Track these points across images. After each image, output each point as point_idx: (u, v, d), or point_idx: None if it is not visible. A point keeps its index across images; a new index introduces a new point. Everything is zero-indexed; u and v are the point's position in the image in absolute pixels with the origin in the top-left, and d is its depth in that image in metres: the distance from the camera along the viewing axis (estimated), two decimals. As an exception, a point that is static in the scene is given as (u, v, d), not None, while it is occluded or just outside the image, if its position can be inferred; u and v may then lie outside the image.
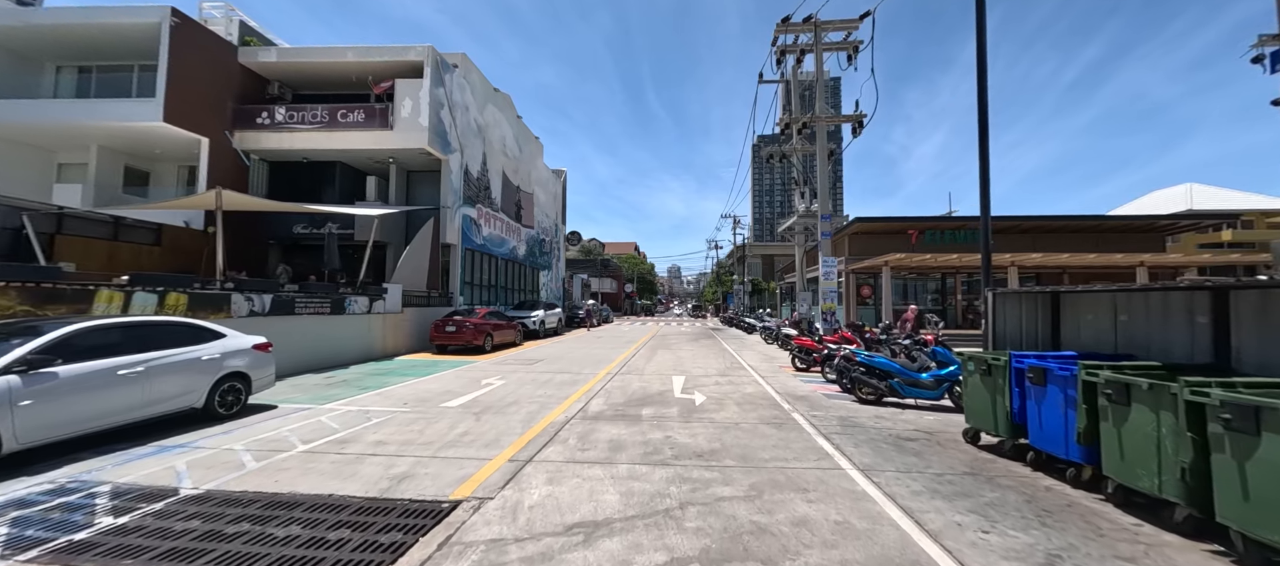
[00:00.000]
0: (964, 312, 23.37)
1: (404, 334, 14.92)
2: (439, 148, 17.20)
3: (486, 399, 8.04)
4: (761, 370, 11.82)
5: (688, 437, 5.80)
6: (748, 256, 52.52)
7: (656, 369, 11.88)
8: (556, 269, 32.92)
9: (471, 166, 19.73)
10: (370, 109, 16.38)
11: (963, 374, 5.64)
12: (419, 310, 15.95)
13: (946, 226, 20.74)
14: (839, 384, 8.82)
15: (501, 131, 23.08)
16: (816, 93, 13.60)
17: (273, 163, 18.21)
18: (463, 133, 18.84)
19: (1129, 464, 3.69)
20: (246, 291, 9.77)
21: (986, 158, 7.44)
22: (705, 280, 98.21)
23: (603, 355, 14.82)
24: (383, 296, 13.99)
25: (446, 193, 17.85)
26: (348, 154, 17.60)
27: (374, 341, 13.49)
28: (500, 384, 9.53)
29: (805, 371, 11.48)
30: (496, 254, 22.43)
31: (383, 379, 10.03)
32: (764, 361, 13.60)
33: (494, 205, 22.03)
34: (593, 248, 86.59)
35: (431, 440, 5.62)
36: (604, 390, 9.00)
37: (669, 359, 14.05)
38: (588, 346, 17.70)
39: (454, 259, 18.59)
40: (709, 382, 9.86)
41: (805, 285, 16.49)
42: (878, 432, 6.07)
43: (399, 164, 18.50)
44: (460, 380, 9.93)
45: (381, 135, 16.47)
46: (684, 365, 12.61)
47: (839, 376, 8.78)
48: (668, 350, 16.68)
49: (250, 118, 16.62)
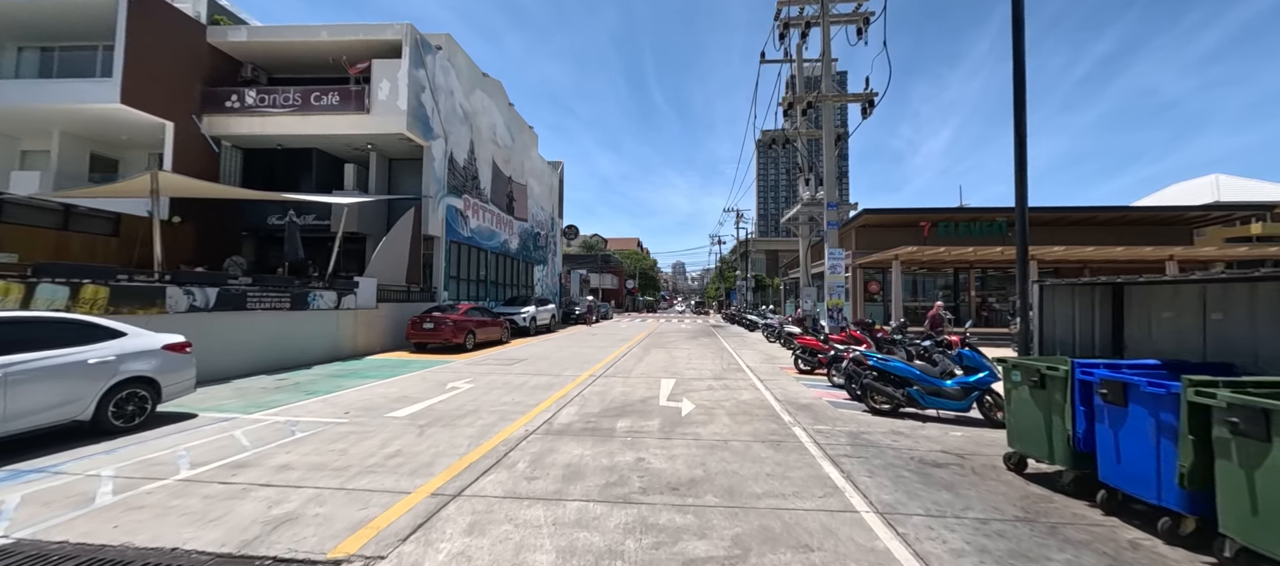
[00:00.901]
0: (979, 310, 22.16)
1: (379, 331, 13.94)
2: (420, 133, 16.18)
3: (443, 407, 7.02)
4: (761, 372, 10.74)
5: (664, 461, 4.75)
6: (751, 252, 51.30)
7: (646, 370, 10.83)
8: (552, 264, 31.92)
9: (457, 154, 18.71)
10: (345, 91, 15.38)
11: (1003, 383, 4.55)
12: (397, 306, 14.97)
13: (961, 218, 19.54)
14: (847, 390, 7.74)
15: (491, 119, 22.04)
16: (823, 68, 12.45)
17: (247, 150, 17.27)
18: (447, 118, 17.81)
19: (1265, 524, 2.61)
20: (186, 284, 8.79)
21: (1023, 132, 6.35)
22: (709, 276, 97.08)
23: (591, 354, 13.79)
24: (354, 290, 13.01)
25: (429, 181, 16.84)
26: (324, 140, 16.62)
27: (343, 339, 12.52)
28: (466, 388, 8.51)
29: (809, 374, 10.40)
30: (486, 247, 21.43)
31: (339, 381, 9.04)
32: (764, 362, 12.53)
33: (483, 196, 21.02)
34: (594, 243, 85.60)
35: (349, 464, 4.59)
36: (581, 395, 7.97)
37: (661, 359, 13.00)
38: (578, 345, 16.68)
39: (437, 252, 17.60)
40: (701, 387, 8.80)
41: (810, 280, 15.39)
42: (897, 455, 4.99)
43: (379, 151, 17.51)
44: (424, 383, 8.93)
45: (357, 119, 15.47)
46: (677, 366, 11.56)
47: (847, 381, 7.70)
48: (662, 349, 15.63)
49: (219, 101, 15.66)
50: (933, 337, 7.88)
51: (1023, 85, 6.24)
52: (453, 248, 18.56)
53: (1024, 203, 6.48)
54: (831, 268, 12.32)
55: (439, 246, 17.60)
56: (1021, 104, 6.22)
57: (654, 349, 15.61)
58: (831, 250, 12.39)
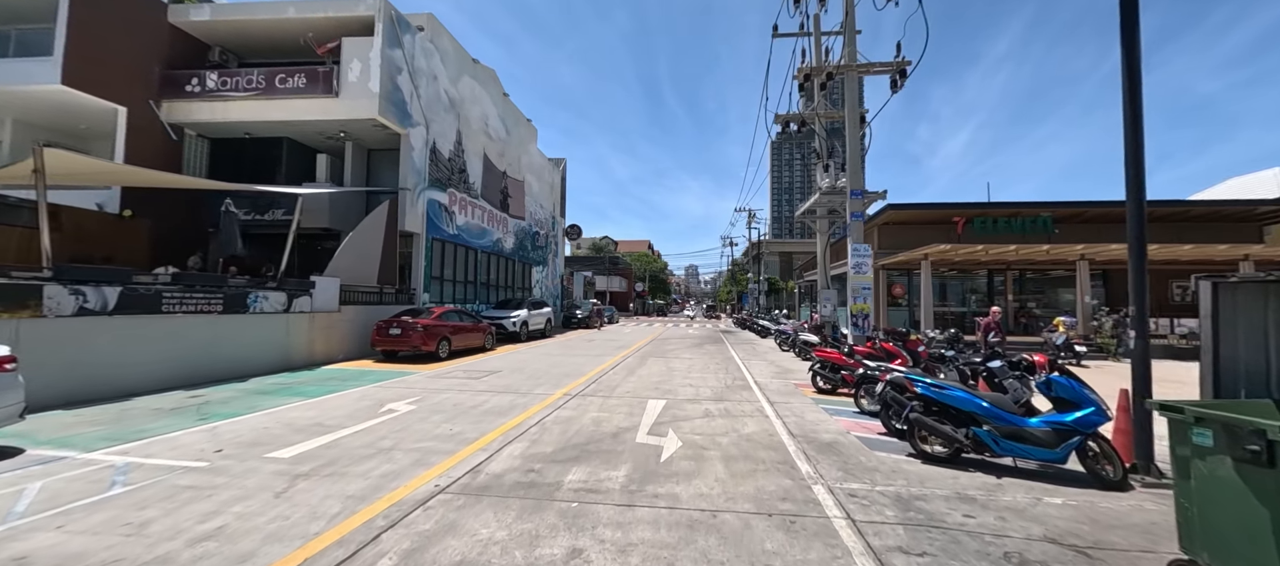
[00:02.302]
0: (1017, 316, 20.01)
1: (341, 337, 12.46)
2: (395, 119, 14.73)
3: (352, 442, 5.40)
4: (772, 390, 8.96)
5: (611, 555, 3.05)
6: (764, 253, 49.26)
7: (634, 387, 9.12)
8: (553, 265, 30.39)
9: (441, 144, 17.24)
10: (312, 72, 13.99)
11: (1173, 444, 2.75)
12: (367, 309, 13.49)
13: (999, 213, 17.47)
14: (883, 420, 5.94)
15: (483, 109, 20.58)
16: (846, 33, 10.65)
17: (213, 140, 16.00)
18: (428, 104, 16.36)
19: None
20: (76, 282, 7.33)
21: (1137, 88, 4.62)
22: (721, 279, 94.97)
23: (578, 365, 12.12)
24: (309, 292, 11.53)
25: (407, 173, 15.37)
26: (294, 128, 15.26)
27: (295, 347, 11.03)
28: (405, 411, 6.90)
29: (830, 394, 8.59)
30: (476, 245, 19.93)
31: (257, 401, 7.50)
32: (776, 376, 10.73)
33: (472, 190, 19.53)
34: (604, 245, 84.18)
35: (118, 559, 2.97)
36: (541, 424, 6.29)
37: (657, 371, 11.28)
38: (569, 353, 15.03)
39: (417, 250, 16.12)
40: (695, 413, 7.06)
41: (829, 282, 13.54)
42: (978, 545, 3.22)
43: (355, 140, 16.11)
44: (358, 404, 7.34)
45: (326, 103, 14.07)
46: (672, 382, 9.82)
47: (883, 410, 5.90)
48: (661, 359, 13.89)
49: (179, 85, 14.40)
50: (1000, 354, 6.02)
51: (1135, 37, 4.48)
52: (435, 246, 17.07)
53: (1140, 180, 4.80)
54: (856, 266, 10.48)
55: (419, 244, 16.12)
56: (1134, 66, 4.48)
57: (652, 359, 13.88)
58: (855, 246, 10.55)
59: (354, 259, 13.40)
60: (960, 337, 7.46)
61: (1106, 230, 19.25)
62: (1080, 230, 18.67)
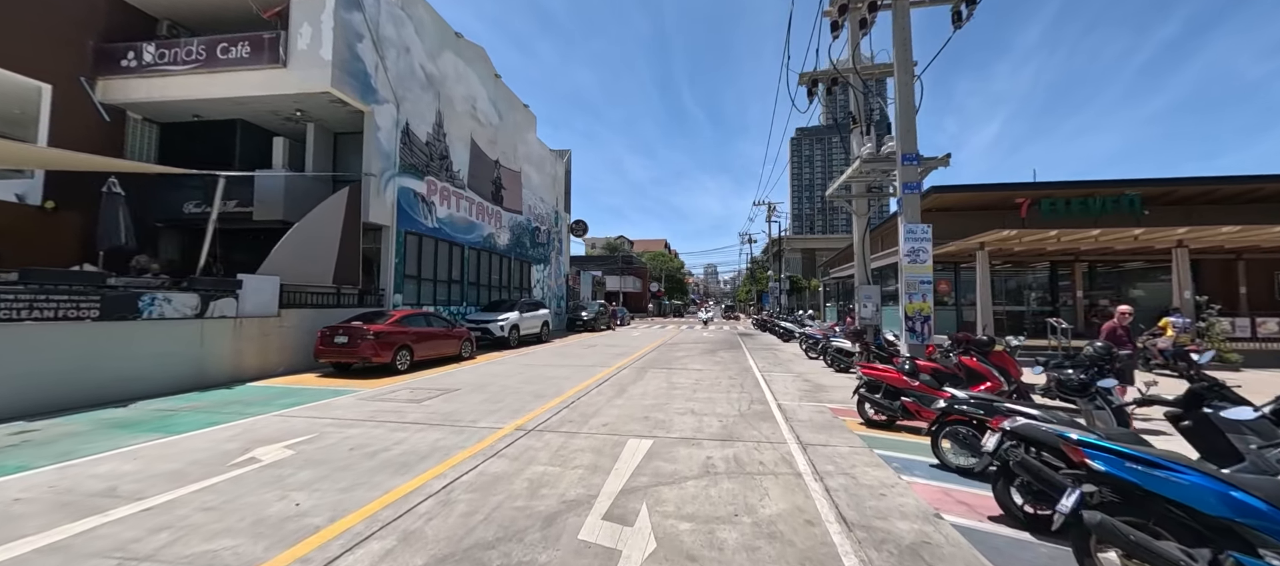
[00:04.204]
0: (1086, 314, 17.04)
1: (280, 347, 10.49)
2: (356, 94, 12.76)
3: (99, 537, 3.26)
4: (803, 420, 6.57)
5: None
6: (785, 250, 46.45)
7: (617, 416, 6.84)
8: (557, 263, 28.28)
9: (417, 126, 15.25)
10: (257, 40, 12.10)
11: None
12: (318, 313, 11.54)
13: (1072, 193, 14.63)
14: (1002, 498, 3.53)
15: (469, 90, 18.57)
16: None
17: (162, 125, 14.29)
18: (399, 80, 14.37)
19: None
20: None
21: None
22: (740, 278, 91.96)
23: (559, 381, 9.89)
24: (234, 293, 9.57)
25: (371, 156, 13.39)
26: (246, 107, 13.42)
27: (213, 360, 9.08)
28: (262, 465, 4.76)
29: (884, 428, 6.17)
30: (462, 241, 17.92)
31: (95, 441, 5.47)
32: (806, 396, 8.31)
33: (457, 180, 17.52)
34: (618, 244, 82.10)
35: None
36: (447, 491, 4.08)
37: (655, 389, 8.97)
38: (557, 363, 12.82)
39: (386, 244, 14.14)
40: (691, 467, 4.74)
41: (869, 276, 11.03)
42: None
43: (318, 122, 14.21)
44: (217, 449, 5.24)
45: (273, 75, 12.16)
46: (670, 406, 7.51)
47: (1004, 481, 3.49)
48: (664, 370, 11.58)
49: (114, 60, 12.68)
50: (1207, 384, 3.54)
51: None
52: (410, 240, 15.08)
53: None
54: (910, 254, 7.99)
55: (388, 238, 14.13)
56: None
57: (653, 370, 11.57)
58: (909, 227, 8.06)
59: (302, 254, 11.44)
60: (1112, 352, 4.80)
61: (1197, 212, 16.21)
62: (1168, 212, 15.68)
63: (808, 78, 10.98)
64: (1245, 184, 15.32)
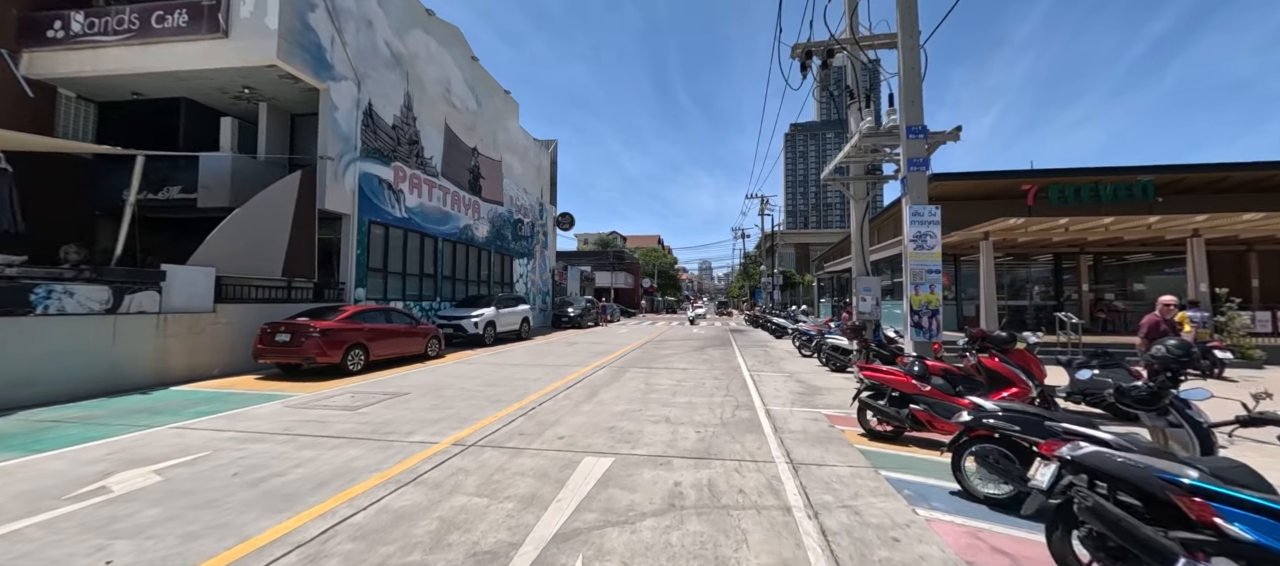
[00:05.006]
0: (1092, 309, 16.28)
1: (216, 346, 9.42)
2: (308, 69, 11.65)
3: None
4: (794, 430, 5.63)
5: None
6: (778, 245, 45.59)
7: (577, 427, 5.87)
8: (541, 257, 27.22)
9: (381, 107, 14.15)
10: (195, 7, 10.96)
11: None
12: (265, 308, 10.47)
13: (1082, 180, 13.78)
14: (1059, 548, 2.59)
15: (443, 71, 17.45)
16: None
17: (100, 103, 13.12)
18: (360, 57, 13.26)
19: None
20: None
21: None
22: (734, 274, 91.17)
23: (527, 383, 8.91)
24: (156, 285, 8.50)
25: (328, 137, 12.29)
26: (188, 83, 12.27)
27: (130, 360, 8.01)
28: (101, 501, 3.75)
29: (890, 441, 5.25)
30: (435, 233, 16.84)
31: (-87, 465, 4.43)
32: (798, 400, 7.39)
33: (429, 167, 16.43)
34: (611, 240, 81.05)
35: None
36: (315, 546, 3.09)
37: (631, 392, 8.01)
38: (531, 362, 11.83)
39: (346, 235, 13.05)
40: (653, 498, 3.78)
41: (867, 267, 10.11)
42: None
43: (270, 101, 13.09)
44: (71, 474, 4.23)
45: (215, 46, 11.03)
46: (643, 414, 6.55)
47: (1063, 526, 2.55)
48: (645, 370, 10.62)
49: (40, 30, 11.50)
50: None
51: None
52: (375, 231, 14.00)
53: None
54: (916, 239, 7.07)
55: (348, 228, 13.04)
56: None
57: (633, 370, 10.61)
58: (915, 209, 7.13)
59: (245, 244, 10.35)
60: (1192, 353, 3.78)
61: (1206, 202, 15.43)
62: (1177, 202, 14.88)
63: (801, 49, 10.01)
64: (1258, 170, 14.55)
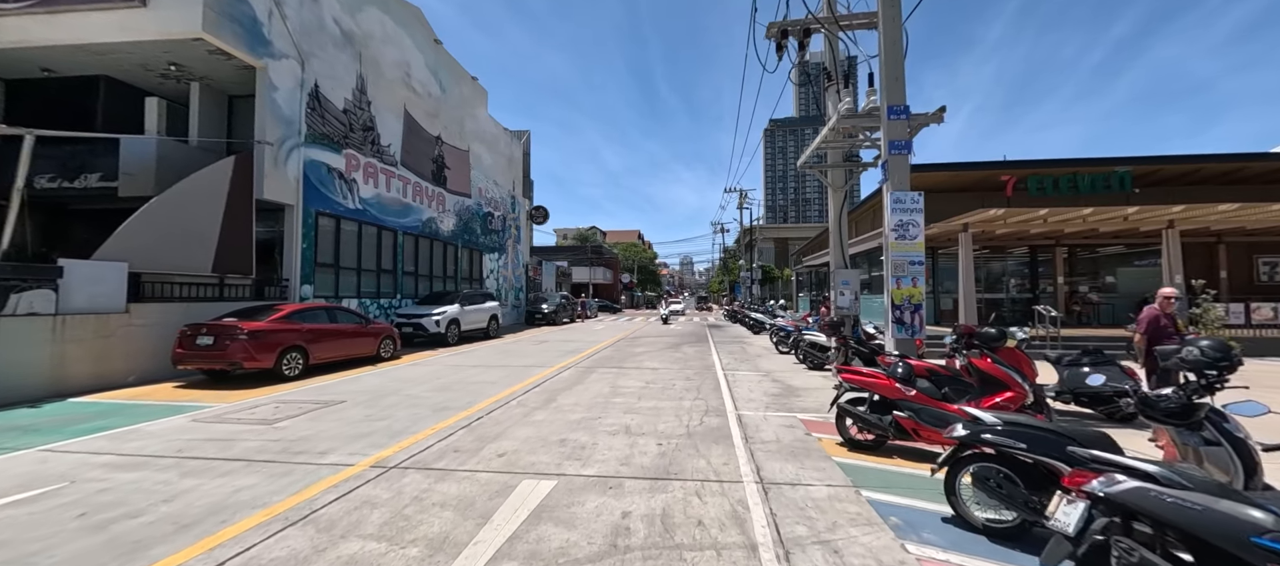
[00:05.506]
0: (1067, 301, 16.22)
1: (129, 350, 8.41)
2: (241, 44, 10.59)
3: None
4: (767, 441, 5.05)
5: None
6: (758, 240, 45.39)
7: (524, 440, 5.18)
8: (514, 252, 26.27)
9: (330, 90, 13.10)
10: (107, -29, 9.82)
11: None
12: (191, 308, 9.46)
13: (1060, 171, 13.59)
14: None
15: (402, 54, 16.40)
16: None
17: (7, 81, 11.81)
18: (304, 33, 12.20)
19: None
20: None
21: None
22: (715, 269, 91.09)
23: (482, 387, 8.16)
24: (52, 282, 7.47)
25: (266, 120, 11.25)
26: (108, 59, 11.07)
27: (20, 368, 7.00)
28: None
29: (872, 452, 4.70)
30: (394, 225, 15.84)
31: None
32: (774, 402, 6.83)
33: (386, 156, 15.41)
34: (590, 234, 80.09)
35: None
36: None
37: (593, 395, 7.34)
38: (495, 362, 11.06)
39: (291, 227, 12.03)
40: (591, 542, 3.12)
41: (846, 260, 9.63)
42: None
43: (203, 80, 11.94)
44: None
45: (130, 17, 9.90)
46: (601, 423, 5.89)
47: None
48: (614, 370, 9.96)
49: (-73, -5, 10.17)
50: None
51: None
52: (324, 223, 12.98)
53: None
54: (898, 227, 6.55)
55: (293, 219, 12.02)
56: None
57: (600, 370, 9.94)
58: (897, 195, 6.61)
59: (168, 236, 9.30)
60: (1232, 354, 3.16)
61: (1181, 194, 15.44)
62: (1153, 193, 14.85)
63: (776, 29, 9.41)
64: (1229, 162, 14.60)
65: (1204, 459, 2.59)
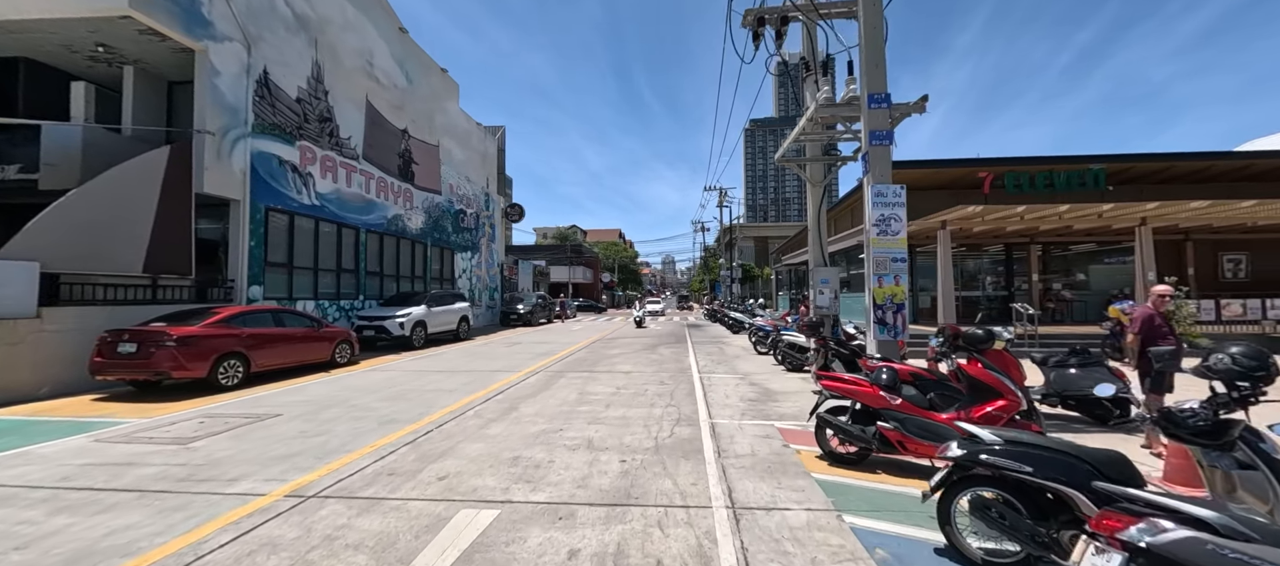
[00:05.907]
0: (1042, 299, 16.28)
1: (39, 358, 7.56)
2: (176, 25, 9.73)
3: None
4: (741, 456, 4.60)
5: None
6: (738, 238, 45.30)
7: (468, 462, 4.63)
8: (489, 251, 25.47)
9: (281, 77, 12.25)
10: (20, -60, 8.87)
11: None
12: (117, 312, 8.59)
13: (1036, 168, 13.56)
14: None
15: (364, 42, 15.56)
16: None
17: (-88, 62, 10.69)
18: (251, 14, 11.34)
19: None
20: None
21: None
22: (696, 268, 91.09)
23: (435, 396, 7.55)
24: (-59, 285, 6.60)
25: (206, 108, 10.38)
26: (25, 39, 10.08)
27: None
28: None
29: (855, 467, 4.29)
30: (356, 222, 15.00)
31: None
32: (750, 409, 6.40)
33: (346, 149, 14.57)
34: (570, 233, 79.20)
35: None
36: None
37: (558, 403, 6.81)
38: (454, 368, 10.42)
39: (236, 224, 11.16)
40: (530, 583, 2.61)
41: (825, 258, 9.30)
42: None
43: (137, 63, 10.99)
44: None
45: (48, -9, 8.98)
46: (562, 437, 5.37)
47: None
48: (585, 374, 9.43)
49: None
50: None
51: None
52: (275, 219, 12.13)
53: None
54: (879, 222, 6.19)
55: (239, 215, 11.16)
56: None
57: (569, 375, 9.41)
58: (878, 188, 6.25)
59: (91, 232, 8.43)
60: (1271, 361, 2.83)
61: (1150, 191, 15.59)
62: (1125, 191, 14.94)
63: (753, 16, 9.01)
64: (1199, 161, 14.79)
65: (1237, 484, 2.24)
